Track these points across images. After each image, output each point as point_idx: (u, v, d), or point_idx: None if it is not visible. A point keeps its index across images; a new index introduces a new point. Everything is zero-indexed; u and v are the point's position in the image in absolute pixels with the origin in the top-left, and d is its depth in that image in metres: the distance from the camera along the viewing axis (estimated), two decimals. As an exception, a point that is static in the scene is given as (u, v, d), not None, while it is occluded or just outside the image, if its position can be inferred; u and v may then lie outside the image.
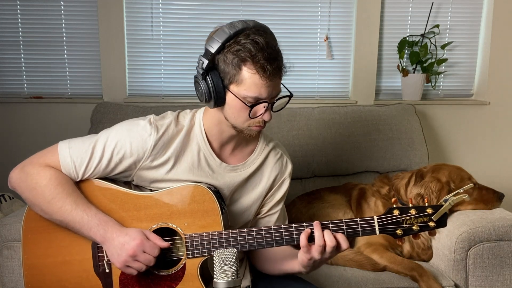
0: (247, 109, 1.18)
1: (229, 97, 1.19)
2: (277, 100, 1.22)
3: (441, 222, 1.15)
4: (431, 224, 1.14)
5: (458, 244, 1.65)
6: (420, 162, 2.22)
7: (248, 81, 1.15)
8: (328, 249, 1.14)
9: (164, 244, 1.18)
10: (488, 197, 1.82)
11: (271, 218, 1.41)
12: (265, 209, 1.41)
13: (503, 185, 2.48)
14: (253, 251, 1.39)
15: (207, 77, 1.17)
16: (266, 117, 1.21)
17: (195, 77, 1.22)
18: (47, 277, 1.24)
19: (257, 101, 1.18)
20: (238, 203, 1.36)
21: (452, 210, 1.79)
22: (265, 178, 1.38)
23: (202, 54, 1.19)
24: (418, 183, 1.84)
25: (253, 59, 1.13)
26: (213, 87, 1.17)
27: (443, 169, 1.85)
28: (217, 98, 1.18)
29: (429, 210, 1.14)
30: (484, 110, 2.62)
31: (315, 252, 1.14)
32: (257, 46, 1.13)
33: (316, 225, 1.15)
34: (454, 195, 1.14)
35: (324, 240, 1.13)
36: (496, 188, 1.85)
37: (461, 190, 1.16)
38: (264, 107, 1.19)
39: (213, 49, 1.15)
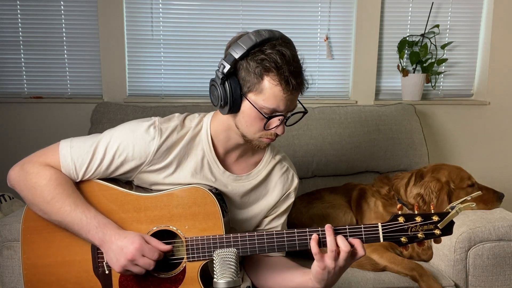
0: (262, 120, 1.16)
1: (245, 105, 1.16)
2: (292, 115, 1.20)
3: (447, 230, 1.11)
4: (437, 232, 1.11)
5: (458, 244, 1.65)
6: (420, 162, 2.22)
7: (268, 92, 1.12)
8: (343, 255, 1.08)
9: (166, 247, 1.16)
10: (488, 197, 1.82)
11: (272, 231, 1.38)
12: (266, 220, 1.38)
13: (503, 185, 2.47)
14: (253, 265, 1.37)
15: (226, 82, 1.14)
16: (279, 130, 1.19)
17: (212, 80, 1.19)
18: (46, 277, 1.23)
19: (273, 113, 1.16)
20: (239, 214, 1.34)
21: (452, 210, 1.79)
22: (270, 192, 1.35)
23: (224, 58, 1.16)
24: (418, 183, 1.84)
25: (278, 70, 1.10)
26: (230, 93, 1.14)
27: (443, 169, 1.85)
28: (232, 105, 1.16)
29: (435, 218, 1.11)
30: (484, 110, 2.62)
31: (328, 259, 1.08)
32: (284, 58, 1.11)
33: (328, 229, 1.10)
34: (461, 203, 1.10)
35: (337, 246, 1.08)
36: (496, 188, 1.85)
37: (468, 198, 1.11)
38: (279, 120, 1.17)
39: (236, 55, 1.12)
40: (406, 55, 2.52)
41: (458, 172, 1.84)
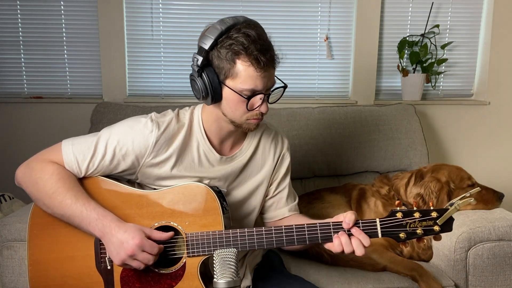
0: (244, 102, 1.20)
1: (225, 92, 1.20)
2: (272, 91, 1.24)
3: (447, 227, 1.11)
4: (436, 228, 1.11)
5: (458, 244, 1.65)
6: (420, 162, 2.21)
7: (243, 74, 1.16)
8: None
9: (167, 235, 1.19)
10: (488, 197, 1.82)
11: (281, 195, 1.43)
12: (273, 187, 1.43)
13: (503, 185, 2.48)
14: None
15: (203, 74, 1.19)
16: (263, 108, 1.23)
17: (191, 75, 1.24)
18: (50, 272, 1.25)
19: (253, 93, 1.19)
20: (245, 188, 1.38)
21: (452, 210, 1.79)
22: (266, 159, 1.40)
23: (196, 52, 1.20)
24: (418, 183, 1.84)
25: (246, 51, 1.15)
26: (209, 83, 1.19)
27: (442, 169, 1.85)
28: (214, 94, 1.20)
29: (434, 214, 1.11)
30: (484, 110, 2.63)
31: (347, 248, 1.14)
32: (249, 38, 1.15)
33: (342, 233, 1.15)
34: (460, 199, 1.09)
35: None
36: (496, 188, 1.85)
37: (467, 194, 1.12)
38: (261, 98, 1.21)
39: (206, 46, 1.17)
40: (406, 55, 2.52)
41: (458, 172, 1.84)
